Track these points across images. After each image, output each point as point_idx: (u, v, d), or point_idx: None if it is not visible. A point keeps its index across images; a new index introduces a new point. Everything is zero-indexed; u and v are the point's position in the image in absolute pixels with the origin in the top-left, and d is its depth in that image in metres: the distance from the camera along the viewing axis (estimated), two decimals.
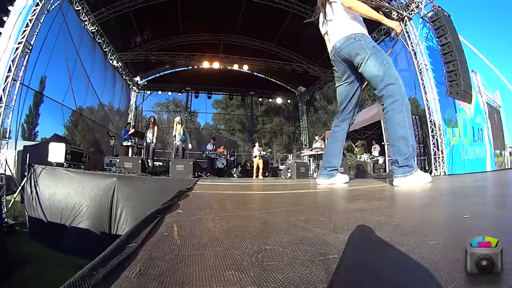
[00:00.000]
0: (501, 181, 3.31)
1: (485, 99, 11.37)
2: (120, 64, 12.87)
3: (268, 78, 16.84)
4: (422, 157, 9.19)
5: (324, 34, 2.91)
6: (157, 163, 10.43)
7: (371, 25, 9.93)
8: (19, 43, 6.28)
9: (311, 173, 10.44)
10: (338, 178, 2.87)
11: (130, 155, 8.87)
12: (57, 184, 3.93)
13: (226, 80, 15.91)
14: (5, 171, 6.01)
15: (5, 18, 5.93)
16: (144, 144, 8.47)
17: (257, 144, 11.14)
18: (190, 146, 9.02)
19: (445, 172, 8.02)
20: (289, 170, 8.39)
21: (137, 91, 15.58)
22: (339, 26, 2.69)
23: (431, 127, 8.37)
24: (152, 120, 8.80)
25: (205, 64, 14.18)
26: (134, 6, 10.27)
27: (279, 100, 17.53)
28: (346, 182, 2.86)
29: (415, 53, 8.64)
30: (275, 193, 2.31)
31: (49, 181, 3.99)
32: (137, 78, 15.11)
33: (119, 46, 12.08)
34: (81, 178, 3.91)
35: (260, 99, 18.07)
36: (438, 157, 8.16)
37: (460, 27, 8.84)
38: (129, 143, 9.00)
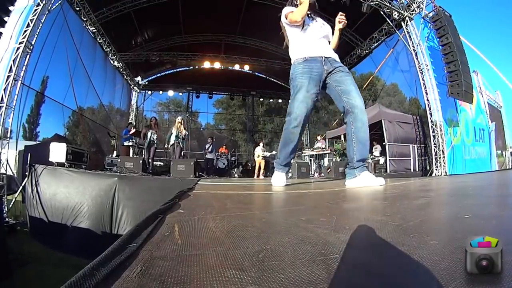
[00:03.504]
0: (502, 181, 3.30)
1: (486, 99, 11.36)
2: (121, 64, 12.88)
3: (269, 78, 16.83)
4: (423, 157, 9.18)
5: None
6: (158, 163, 10.44)
7: (372, 25, 9.83)
8: (20, 43, 6.29)
9: (312, 173, 10.43)
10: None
11: (131, 155, 8.88)
12: (58, 184, 3.94)
13: (227, 80, 15.91)
14: (6, 171, 6.02)
15: (6, 18, 5.94)
16: (146, 144, 8.45)
17: (261, 144, 11.14)
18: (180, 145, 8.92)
19: (446, 172, 8.01)
20: (290, 170, 8.39)
21: (138, 91, 15.59)
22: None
23: (432, 127, 8.36)
24: (154, 121, 8.78)
25: (206, 64, 14.19)
26: (135, 6, 10.28)
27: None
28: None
29: (416, 53, 8.63)
30: (276, 193, 2.31)
31: (50, 181, 4.00)
32: (138, 78, 15.12)
33: (120, 46, 12.08)
34: (82, 178, 3.91)
35: (261, 99, 18.07)
36: (439, 157, 8.14)
37: (461, 27, 8.84)
38: (130, 143, 9.01)
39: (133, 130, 9.17)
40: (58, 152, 5.57)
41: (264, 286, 0.45)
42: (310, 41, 2.63)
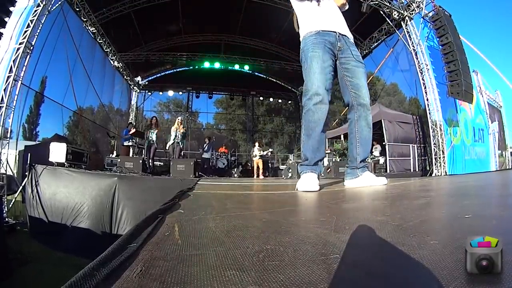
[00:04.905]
0: (502, 181, 3.30)
1: (486, 99, 11.36)
2: (121, 64, 12.88)
3: (269, 78, 16.84)
4: (423, 157, 9.18)
5: None
6: (158, 163, 10.45)
7: (372, 25, 9.85)
8: (20, 44, 6.29)
9: None
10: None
11: (131, 155, 8.88)
12: (58, 184, 3.94)
13: (227, 80, 15.92)
14: (6, 171, 6.02)
15: (6, 19, 5.95)
16: (146, 144, 8.46)
17: (257, 144, 11.14)
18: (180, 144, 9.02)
19: (446, 172, 8.01)
20: (290, 170, 8.41)
21: (138, 91, 15.59)
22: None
23: (432, 127, 8.36)
24: (155, 120, 8.78)
25: (206, 64, 14.20)
26: (135, 6, 10.28)
27: None
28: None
29: (416, 53, 8.63)
30: (276, 193, 2.31)
31: (50, 180, 4.00)
32: (138, 78, 15.12)
33: (120, 46, 12.09)
34: (82, 178, 3.92)
35: (261, 99, 18.08)
36: (439, 157, 8.14)
37: (461, 27, 8.84)
38: (130, 143, 9.01)
39: (133, 130, 9.16)
40: (58, 152, 5.58)
41: (264, 286, 0.45)
42: (322, 14, 2.38)
